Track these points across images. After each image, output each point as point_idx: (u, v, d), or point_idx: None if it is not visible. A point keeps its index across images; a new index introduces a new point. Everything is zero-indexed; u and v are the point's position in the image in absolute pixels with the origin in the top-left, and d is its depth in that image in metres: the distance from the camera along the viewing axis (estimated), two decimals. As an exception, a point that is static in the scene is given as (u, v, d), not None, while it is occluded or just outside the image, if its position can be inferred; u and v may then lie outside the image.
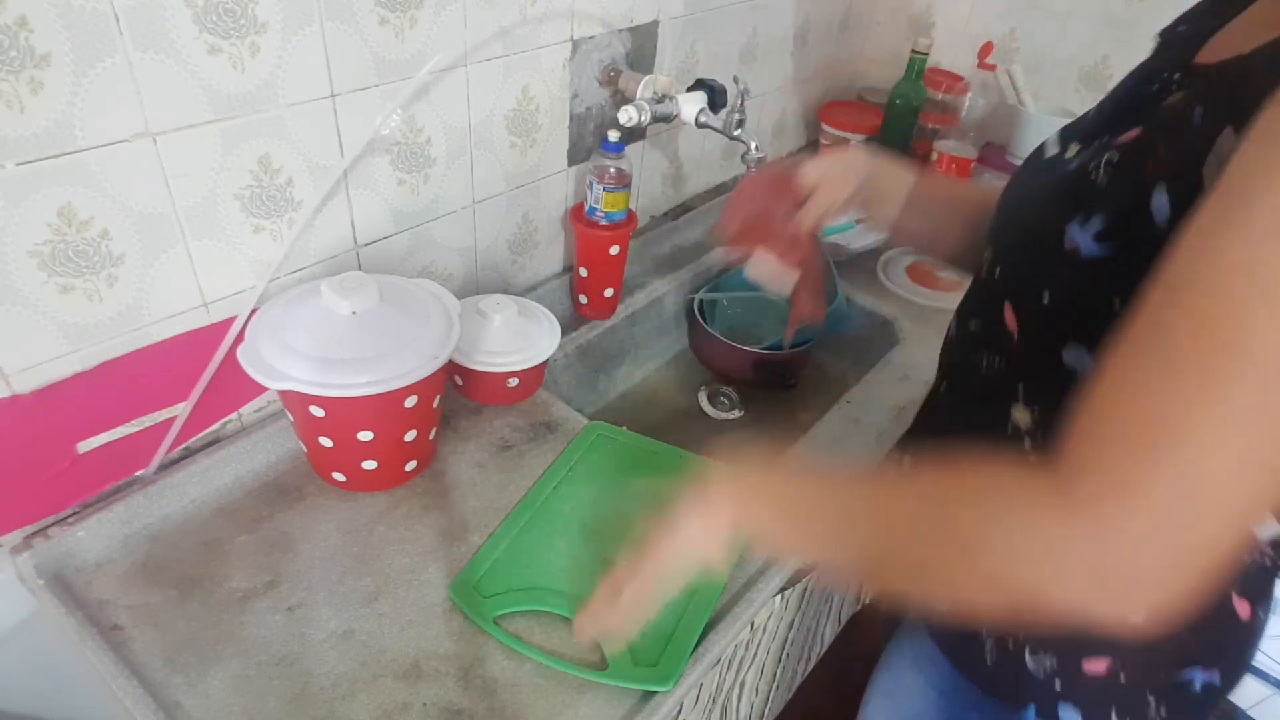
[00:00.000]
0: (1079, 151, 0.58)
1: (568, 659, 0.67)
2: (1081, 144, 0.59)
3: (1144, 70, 0.61)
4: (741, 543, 0.56)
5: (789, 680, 1.35)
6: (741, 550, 0.79)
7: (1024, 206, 0.60)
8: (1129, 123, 0.54)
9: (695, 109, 1.00)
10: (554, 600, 0.71)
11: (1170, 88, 0.53)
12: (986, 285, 0.62)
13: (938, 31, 1.52)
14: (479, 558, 0.75)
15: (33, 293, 0.63)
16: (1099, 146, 0.55)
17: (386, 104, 0.80)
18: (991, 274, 0.61)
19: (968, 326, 0.65)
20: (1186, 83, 0.52)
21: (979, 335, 0.62)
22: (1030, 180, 0.63)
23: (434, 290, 0.81)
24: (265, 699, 0.63)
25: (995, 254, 0.62)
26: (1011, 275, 0.58)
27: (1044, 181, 0.59)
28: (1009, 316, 0.57)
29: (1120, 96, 0.61)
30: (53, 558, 0.70)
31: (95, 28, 0.59)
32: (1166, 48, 0.61)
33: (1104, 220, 0.49)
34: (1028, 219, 0.58)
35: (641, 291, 1.19)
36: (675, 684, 0.66)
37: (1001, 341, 0.58)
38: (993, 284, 0.60)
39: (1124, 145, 0.52)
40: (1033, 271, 0.55)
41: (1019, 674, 0.62)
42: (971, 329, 0.64)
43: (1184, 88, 0.52)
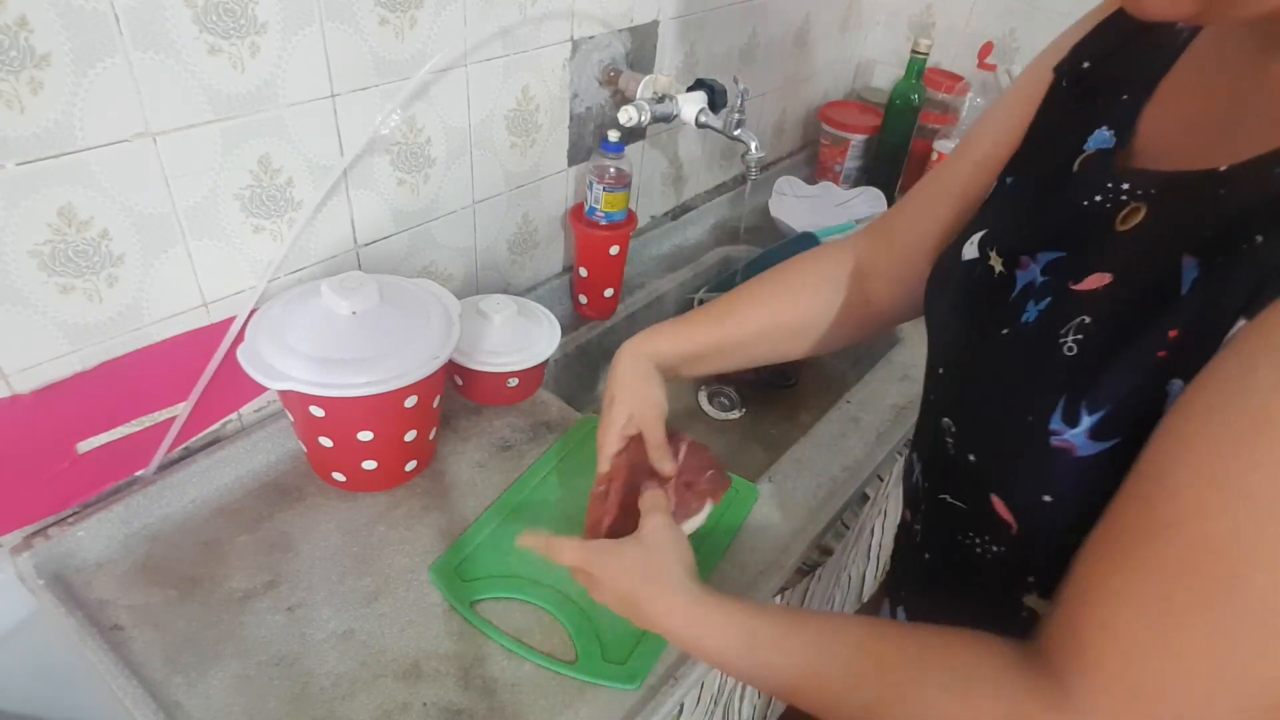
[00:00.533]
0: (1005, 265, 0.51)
1: (541, 651, 0.67)
2: (1002, 252, 0.52)
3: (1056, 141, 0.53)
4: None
5: (789, 680, 1.34)
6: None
7: (985, 382, 0.50)
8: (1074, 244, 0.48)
9: (695, 109, 1.00)
10: (531, 590, 0.72)
11: (1119, 199, 0.46)
12: (959, 466, 0.52)
13: (938, 31, 1.52)
14: (462, 542, 0.75)
15: (33, 293, 0.63)
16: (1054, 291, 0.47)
17: (386, 104, 0.80)
18: (965, 456, 0.51)
19: (941, 496, 0.56)
20: (1139, 195, 0.45)
21: (965, 516, 0.53)
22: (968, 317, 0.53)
23: (434, 290, 0.81)
24: (265, 699, 0.63)
25: (962, 435, 0.52)
26: (993, 468, 0.49)
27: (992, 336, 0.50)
28: (1001, 509, 0.48)
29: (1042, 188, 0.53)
30: (53, 558, 0.70)
31: (95, 28, 0.59)
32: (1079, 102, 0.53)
33: (1106, 418, 0.41)
34: (994, 404, 0.48)
35: (641, 291, 1.19)
36: (640, 685, 0.66)
37: (997, 530, 0.49)
38: (969, 467, 0.50)
39: (1092, 300, 0.44)
40: (1021, 469, 0.46)
41: None
42: (951, 503, 0.54)
43: (1137, 199, 0.45)
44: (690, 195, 1.35)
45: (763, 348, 0.76)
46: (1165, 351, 0.39)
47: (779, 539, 0.80)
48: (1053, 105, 0.56)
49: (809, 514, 0.84)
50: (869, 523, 1.17)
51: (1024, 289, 0.49)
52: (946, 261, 0.58)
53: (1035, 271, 0.49)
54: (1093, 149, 0.50)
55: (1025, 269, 0.50)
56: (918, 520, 0.61)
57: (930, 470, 0.58)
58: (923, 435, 0.60)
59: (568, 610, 0.70)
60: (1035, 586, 0.50)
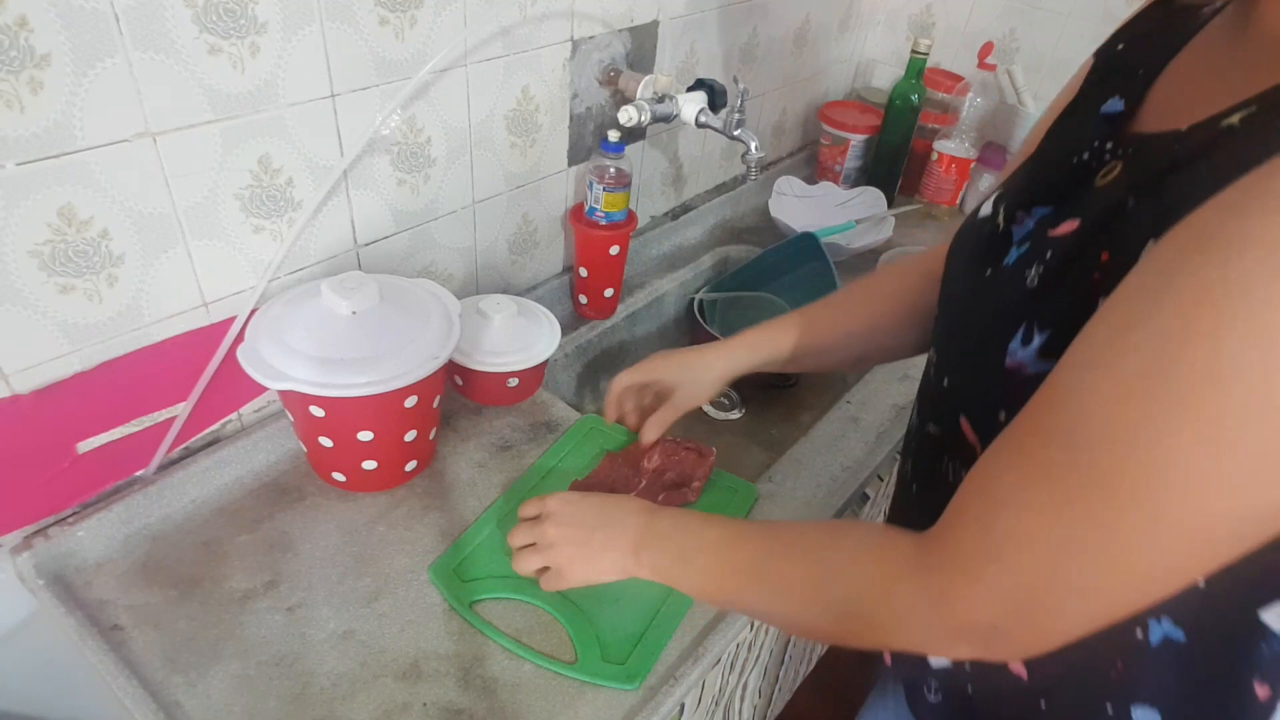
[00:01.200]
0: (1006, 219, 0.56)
1: (540, 651, 0.67)
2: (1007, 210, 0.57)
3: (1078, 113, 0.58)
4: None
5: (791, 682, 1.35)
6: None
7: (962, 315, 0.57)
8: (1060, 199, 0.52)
9: (695, 109, 1.00)
10: (531, 590, 0.72)
11: (1103, 157, 0.50)
12: (937, 392, 0.59)
13: (938, 31, 1.52)
14: (461, 542, 0.75)
15: (33, 293, 0.63)
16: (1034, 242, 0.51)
17: (386, 104, 0.80)
18: (940, 381, 0.58)
19: (926, 428, 0.62)
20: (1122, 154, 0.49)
21: (940, 440, 0.59)
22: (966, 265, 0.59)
23: (434, 290, 0.81)
24: (265, 699, 0.63)
25: (940, 361, 0.59)
26: (961, 389, 0.56)
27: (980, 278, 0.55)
28: (967, 429, 0.54)
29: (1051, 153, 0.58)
30: (53, 558, 0.70)
31: (95, 28, 0.59)
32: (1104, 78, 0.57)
33: (1049, 337, 0.46)
34: (966, 332, 0.55)
35: (641, 291, 1.19)
36: (640, 685, 0.66)
37: (964, 451, 0.55)
38: (943, 392, 0.57)
39: (1059, 242, 0.49)
40: (983, 389, 0.52)
41: None
42: (930, 432, 0.61)
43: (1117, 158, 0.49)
44: (690, 195, 1.35)
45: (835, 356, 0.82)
46: (1098, 274, 0.44)
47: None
48: (1088, 84, 0.60)
49: (809, 514, 0.84)
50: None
51: (1018, 240, 0.54)
52: (966, 223, 0.64)
53: (1029, 225, 0.54)
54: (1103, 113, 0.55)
55: (1020, 224, 0.55)
56: (908, 460, 0.67)
57: (921, 403, 0.64)
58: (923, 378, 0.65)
59: (567, 610, 0.70)
60: None
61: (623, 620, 0.70)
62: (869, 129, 1.45)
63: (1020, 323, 0.48)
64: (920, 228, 1.43)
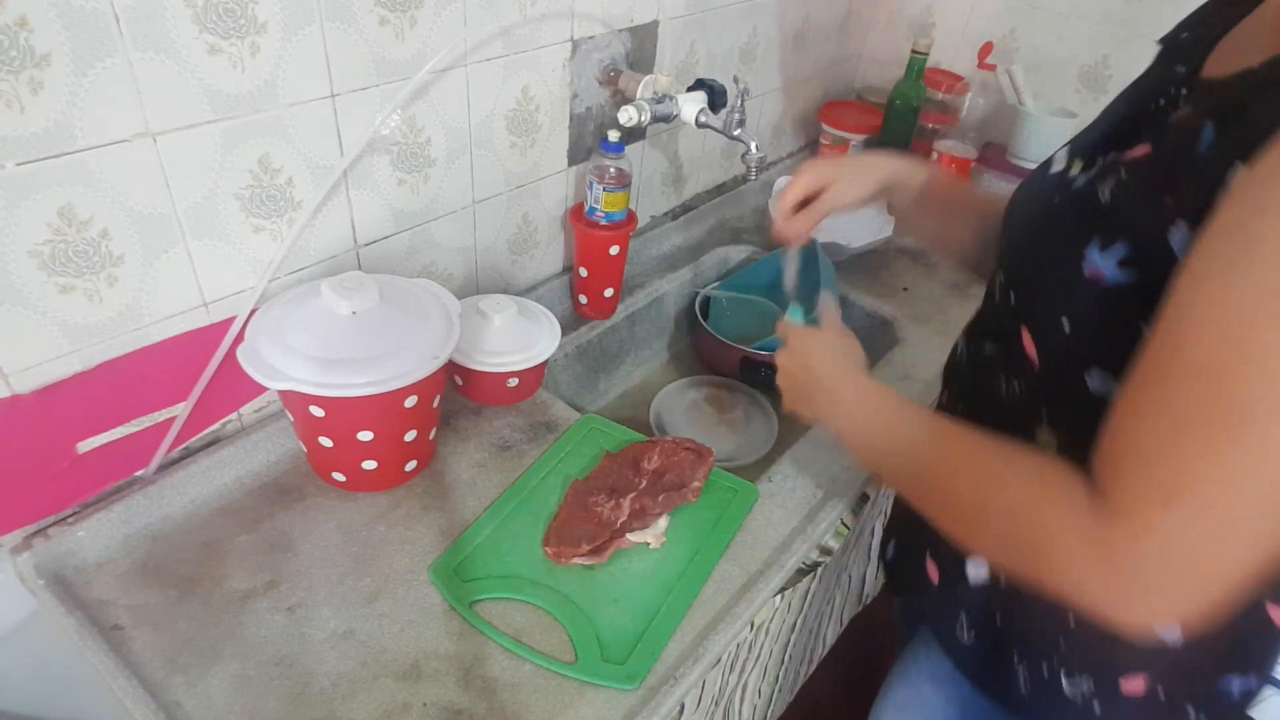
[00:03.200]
0: (1083, 169, 0.58)
1: (539, 651, 0.67)
2: (1084, 160, 0.59)
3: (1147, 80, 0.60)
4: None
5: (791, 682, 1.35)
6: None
7: (1035, 230, 0.59)
8: (1135, 137, 0.54)
9: (695, 109, 1.00)
10: (530, 590, 0.72)
11: (1177, 102, 0.53)
12: (1000, 309, 0.61)
13: (938, 31, 1.52)
14: (461, 542, 0.75)
15: (33, 293, 0.63)
16: (1106, 165, 0.54)
17: (386, 104, 0.80)
18: (1005, 298, 0.60)
19: (981, 349, 0.64)
20: (1193, 97, 0.52)
21: (995, 359, 0.62)
22: (1036, 199, 0.62)
23: (434, 290, 0.81)
24: (265, 699, 0.63)
25: (1008, 278, 0.61)
26: (1028, 302, 0.58)
27: (1050, 202, 0.58)
28: (1027, 343, 0.56)
29: (1123, 108, 0.60)
30: (53, 558, 0.70)
31: (95, 28, 0.59)
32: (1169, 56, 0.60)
33: (1128, 248, 0.49)
34: (1040, 244, 0.57)
35: (641, 291, 1.19)
36: (640, 685, 0.66)
37: (1021, 366, 0.57)
38: (1008, 309, 0.60)
39: (1131, 164, 0.51)
40: (1051, 299, 0.54)
41: (1056, 699, 0.62)
42: (986, 352, 0.63)
43: (1190, 102, 0.52)
44: (690, 195, 1.35)
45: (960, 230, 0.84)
46: (1170, 197, 0.46)
47: (779, 539, 0.81)
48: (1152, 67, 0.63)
49: (809, 514, 0.84)
50: (869, 523, 1.17)
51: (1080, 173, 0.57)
52: (1033, 174, 0.67)
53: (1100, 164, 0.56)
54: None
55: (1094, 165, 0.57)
56: (954, 386, 0.71)
57: (977, 328, 0.67)
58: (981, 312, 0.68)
59: (567, 611, 0.70)
60: (1045, 419, 0.57)
61: (622, 620, 0.70)
62: (869, 129, 1.45)
63: (1094, 233, 0.50)
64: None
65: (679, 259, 1.28)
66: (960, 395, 0.69)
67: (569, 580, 0.74)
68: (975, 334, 0.67)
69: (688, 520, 0.80)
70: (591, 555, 0.74)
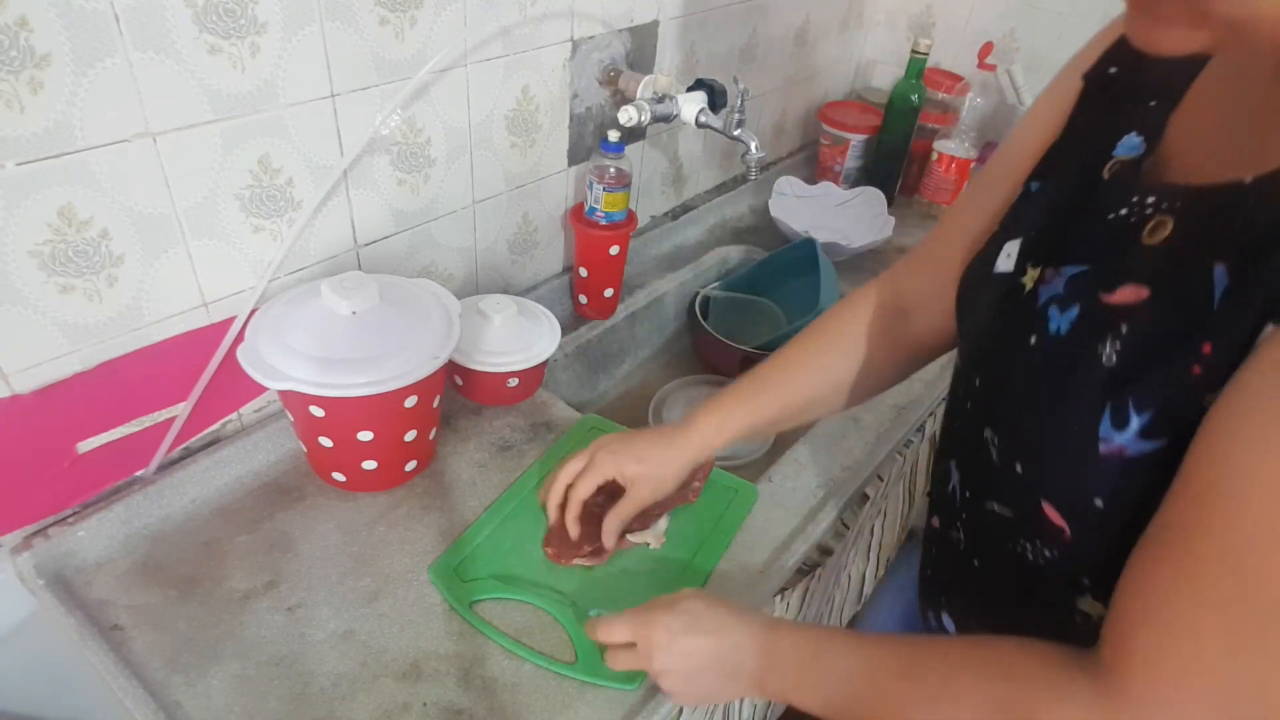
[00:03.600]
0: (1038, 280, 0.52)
1: (540, 652, 0.67)
2: (1037, 266, 0.53)
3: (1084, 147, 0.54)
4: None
5: (789, 680, 1.34)
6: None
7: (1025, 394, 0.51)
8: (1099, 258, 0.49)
9: (695, 109, 1.00)
10: (530, 590, 0.72)
11: (1144, 212, 0.47)
12: (1006, 475, 0.53)
13: (938, 31, 1.52)
14: (461, 542, 0.75)
15: (33, 293, 0.63)
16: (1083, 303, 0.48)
17: (386, 104, 0.80)
18: (1011, 465, 0.52)
19: (988, 505, 0.56)
20: (1163, 208, 0.46)
21: (1014, 523, 0.53)
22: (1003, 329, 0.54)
23: (434, 290, 0.81)
24: (265, 699, 0.63)
25: (1007, 443, 0.53)
26: (1042, 475, 0.50)
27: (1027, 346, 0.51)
28: (1052, 514, 0.49)
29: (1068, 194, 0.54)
30: (53, 558, 0.69)
31: (95, 28, 0.59)
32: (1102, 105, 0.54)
33: (1151, 420, 0.43)
34: (1039, 415, 0.49)
35: (641, 291, 1.19)
36: (639, 686, 0.66)
37: (1050, 536, 0.50)
38: (1016, 477, 0.51)
39: (1127, 313, 0.45)
40: (1073, 475, 0.47)
41: None
42: (995, 510, 0.55)
43: (1162, 212, 0.46)
44: (690, 195, 1.35)
45: (817, 410, 0.76)
46: (1199, 367, 0.41)
47: (779, 539, 0.80)
48: (1082, 112, 0.57)
49: (809, 514, 0.84)
50: (869, 523, 1.17)
51: (1049, 300, 0.50)
52: (977, 272, 0.59)
53: (1058, 287, 0.50)
54: (1122, 155, 0.51)
55: (1049, 283, 0.51)
56: (956, 529, 0.62)
57: (972, 479, 0.59)
58: (962, 444, 0.60)
59: (567, 611, 0.70)
60: (1089, 590, 0.50)
61: None
62: (869, 129, 1.45)
63: (1104, 403, 0.44)
64: (920, 228, 1.43)
65: (679, 259, 1.28)
66: (970, 546, 0.60)
67: (569, 581, 0.74)
68: (979, 489, 0.58)
69: (688, 520, 0.80)
70: (592, 556, 0.74)
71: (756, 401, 0.73)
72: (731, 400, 0.73)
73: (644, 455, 0.72)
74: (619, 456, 0.72)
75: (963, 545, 0.61)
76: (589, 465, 0.73)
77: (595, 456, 0.73)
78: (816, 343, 0.75)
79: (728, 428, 0.73)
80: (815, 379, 0.74)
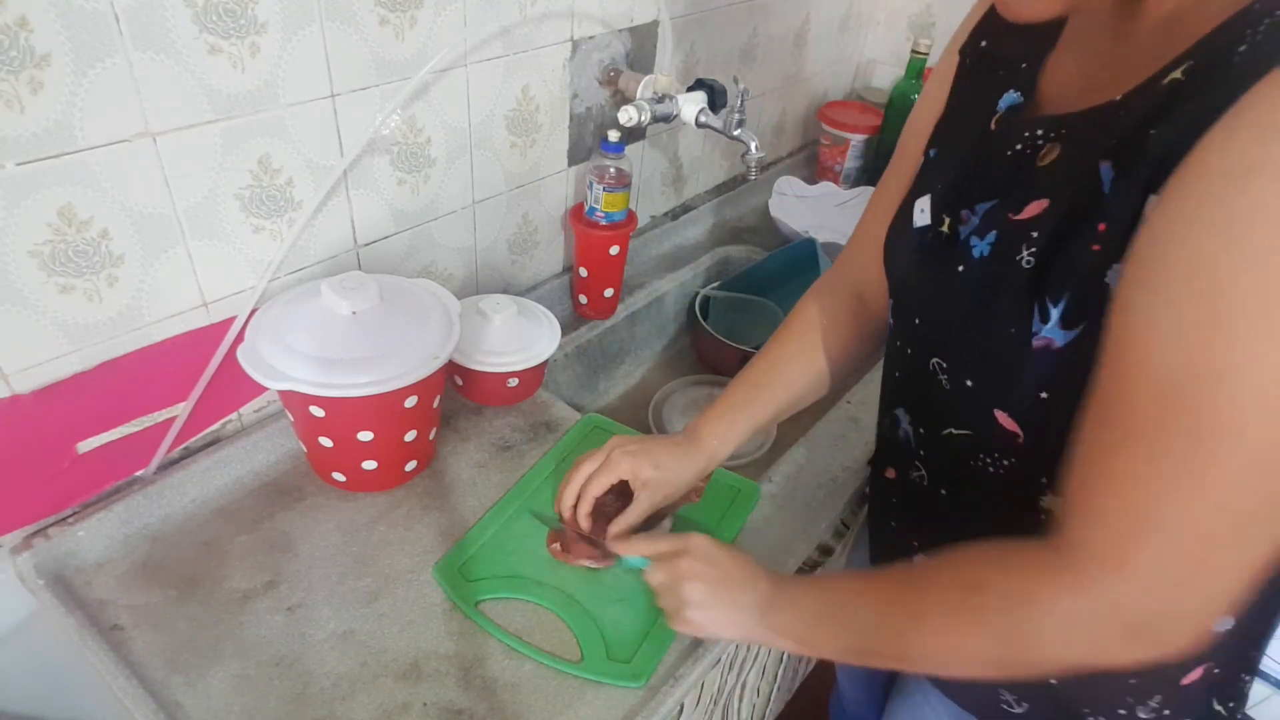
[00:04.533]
0: (952, 224, 0.58)
1: (545, 650, 0.68)
2: (950, 214, 0.58)
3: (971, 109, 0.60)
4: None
5: (790, 681, 1.35)
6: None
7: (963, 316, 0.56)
8: (1010, 188, 0.54)
9: (695, 109, 1.00)
10: (535, 590, 0.72)
11: (1036, 143, 0.53)
12: (957, 396, 0.58)
13: (938, 31, 1.52)
14: (466, 541, 0.76)
15: (33, 293, 0.63)
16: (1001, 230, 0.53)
17: (386, 104, 0.80)
18: (960, 384, 0.58)
19: (944, 432, 0.61)
20: (1051, 136, 0.52)
21: (970, 440, 0.59)
22: (929, 270, 0.60)
23: (434, 290, 0.81)
24: (265, 699, 0.63)
25: (954, 368, 0.58)
26: (989, 385, 0.56)
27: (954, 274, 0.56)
28: (1005, 421, 0.55)
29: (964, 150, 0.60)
30: (53, 558, 0.69)
31: (95, 28, 0.59)
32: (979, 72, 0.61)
33: (1066, 306, 0.48)
34: (977, 331, 0.55)
35: (641, 291, 1.19)
36: (646, 683, 0.66)
37: (1003, 443, 0.56)
38: (967, 393, 0.57)
39: (1035, 222, 0.51)
40: (1015, 377, 0.53)
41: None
42: (956, 434, 0.60)
43: (1050, 140, 0.52)
44: (690, 195, 1.35)
45: (808, 400, 0.79)
46: (1098, 245, 0.46)
47: (779, 539, 0.81)
48: (961, 82, 0.64)
49: (809, 514, 0.84)
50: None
51: (968, 236, 0.56)
52: (896, 230, 0.65)
53: (974, 222, 0.56)
54: (1004, 108, 0.58)
55: (966, 222, 0.57)
56: (915, 468, 0.66)
57: (924, 414, 0.64)
58: (909, 386, 0.65)
59: (571, 610, 0.71)
60: (1048, 486, 0.55)
61: (627, 618, 0.71)
62: (869, 129, 1.45)
63: (1030, 303, 0.50)
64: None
65: (679, 259, 1.28)
66: (936, 478, 0.65)
67: (573, 580, 0.74)
68: (931, 418, 0.63)
69: (692, 519, 0.80)
70: (599, 558, 0.74)
71: (753, 407, 0.77)
72: (729, 409, 0.77)
73: (661, 462, 0.74)
74: (637, 460, 0.73)
75: (926, 481, 0.66)
76: (605, 464, 0.74)
77: (612, 455, 0.74)
78: (795, 339, 0.79)
79: (732, 437, 0.76)
80: (801, 373, 0.78)
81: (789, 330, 0.79)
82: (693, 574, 0.64)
